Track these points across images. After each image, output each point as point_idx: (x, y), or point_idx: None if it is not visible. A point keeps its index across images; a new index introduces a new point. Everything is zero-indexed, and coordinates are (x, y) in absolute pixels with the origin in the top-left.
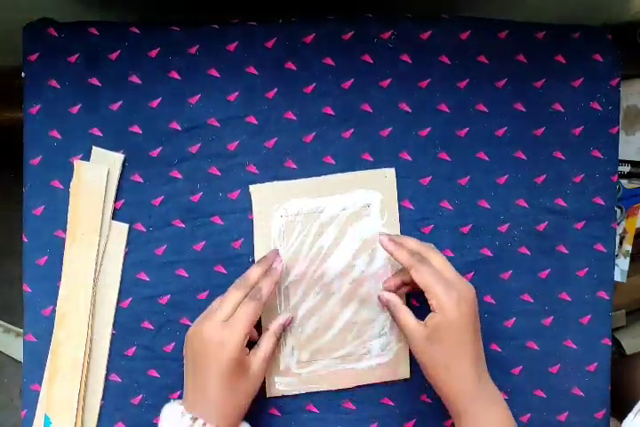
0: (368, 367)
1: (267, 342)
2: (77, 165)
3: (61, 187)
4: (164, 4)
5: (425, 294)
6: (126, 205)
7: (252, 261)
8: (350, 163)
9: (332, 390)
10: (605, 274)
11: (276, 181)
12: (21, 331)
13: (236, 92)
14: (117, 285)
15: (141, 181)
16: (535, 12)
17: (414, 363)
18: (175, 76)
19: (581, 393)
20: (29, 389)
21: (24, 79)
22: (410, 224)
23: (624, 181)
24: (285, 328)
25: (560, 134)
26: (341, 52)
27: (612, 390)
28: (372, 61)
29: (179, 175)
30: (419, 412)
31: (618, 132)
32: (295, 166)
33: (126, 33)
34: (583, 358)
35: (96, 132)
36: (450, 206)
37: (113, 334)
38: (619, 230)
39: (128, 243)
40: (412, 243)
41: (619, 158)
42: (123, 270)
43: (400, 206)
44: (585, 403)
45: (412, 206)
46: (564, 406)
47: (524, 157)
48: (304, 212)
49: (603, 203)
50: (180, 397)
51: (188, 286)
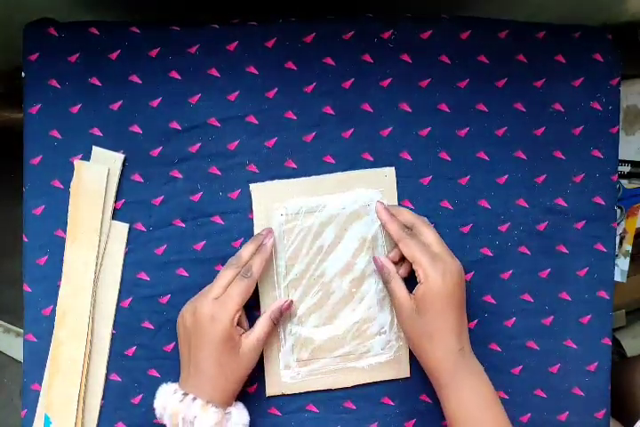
0: (368, 366)
1: (261, 324)
2: (78, 164)
3: (61, 187)
4: (164, 3)
5: (413, 267)
6: (126, 204)
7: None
8: (350, 162)
9: (331, 390)
10: (605, 274)
11: (276, 180)
12: (21, 331)
13: (237, 92)
14: (117, 284)
15: (142, 180)
16: (535, 12)
17: (414, 362)
18: (175, 75)
19: (582, 393)
20: (29, 388)
21: (24, 79)
22: None
23: (624, 181)
24: (283, 313)
25: (560, 134)
26: (342, 52)
27: (611, 392)
28: (372, 61)
29: (179, 175)
30: (419, 411)
31: (618, 131)
32: (295, 166)
33: (126, 33)
34: (583, 358)
35: (96, 131)
36: (450, 206)
37: (113, 334)
38: (619, 230)
39: (128, 242)
40: (406, 215)
41: (619, 158)
42: (123, 270)
43: (400, 206)
44: (585, 403)
45: (412, 206)
46: (564, 405)
47: (524, 156)
48: (304, 211)
49: (603, 202)
50: None
51: (188, 285)
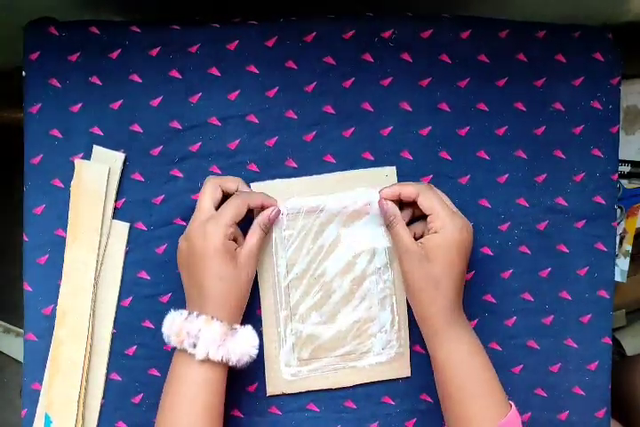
0: (368, 366)
1: (252, 234)
2: (78, 164)
3: (62, 186)
4: (164, 3)
5: (428, 218)
6: (127, 203)
7: None
8: (351, 162)
9: (332, 389)
10: (606, 273)
11: (277, 179)
12: (21, 331)
13: (237, 91)
14: (118, 284)
15: (142, 179)
16: (535, 12)
17: (415, 361)
18: (176, 75)
19: (582, 392)
20: (30, 388)
21: (24, 78)
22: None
23: (624, 181)
24: (272, 221)
25: (560, 133)
26: (342, 51)
27: (611, 392)
28: (372, 60)
29: (179, 174)
30: (419, 411)
31: (618, 131)
32: (296, 165)
33: (127, 32)
34: (584, 357)
35: (97, 131)
36: None
37: (113, 333)
38: (619, 230)
39: (129, 242)
40: (411, 184)
41: (619, 158)
42: (123, 269)
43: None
44: (586, 402)
45: None
46: (564, 405)
47: (524, 156)
48: (305, 210)
49: (603, 202)
50: None
51: None
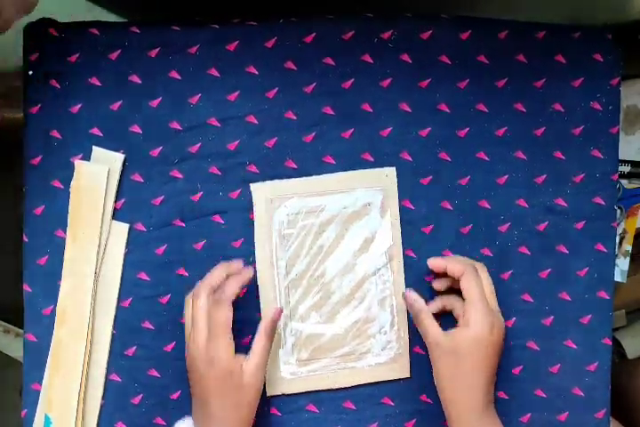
0: (368, 366)
1: (258, 344)
2: (78, 164)
3: (62, 187)
4: (164, 3)
5: (465, 304)
6: (126, 204)
7: (253, 260)
8: (350, 163)
9: (332, 390)
10: (606, 274)
11: (276, 180)
12: (21, 331)
13: (237, 92)
14: (118, 284)
15: (142, 180)
16: (535, 12)
17: (414, 362)
18: (175, 75)
19: (582, 393)
20: (29, 388)
21: (24, 79)
22: (410, 224)
23: (624, 181)
24: (277, 322)
25: (560, 134)
26: (341, 52)
27: (611, 392)
28: (372, 61)
29: (179, 175)
30: (419, 412)
31: (618, 131)
32: (295, 166)
33: (126, 33)
34: (583, 358)
35: (96, 131)
36: (450, 206)
37: (113, 334)
38: (619, 230)
39: (128, 243)
40: (461, 258)
41: (619, 158)
42: (123, 270)
43: (400, 206)
44: (585, 403)
45: (412, 206)
46: (564, 405)
47: (524, 156)
48: (305, 210)
49: (603, 202)
50: (180, 397)
51: (188, 285)
